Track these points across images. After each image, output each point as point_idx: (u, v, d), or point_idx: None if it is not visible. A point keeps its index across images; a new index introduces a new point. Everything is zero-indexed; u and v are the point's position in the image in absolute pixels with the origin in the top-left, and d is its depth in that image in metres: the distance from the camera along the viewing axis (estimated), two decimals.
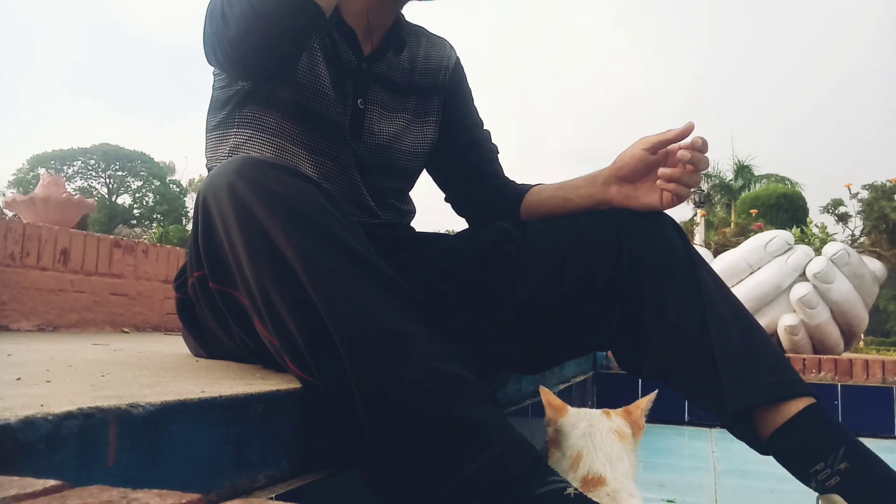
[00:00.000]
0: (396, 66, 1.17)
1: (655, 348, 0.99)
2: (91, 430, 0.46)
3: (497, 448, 0.65)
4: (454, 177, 1.28)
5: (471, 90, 1.30)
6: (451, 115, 1.24)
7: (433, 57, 1.22)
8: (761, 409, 0.91)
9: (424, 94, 1.20)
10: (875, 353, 7.16)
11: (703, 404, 0.98)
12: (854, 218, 5.31)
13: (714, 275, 1.02)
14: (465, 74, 1.29)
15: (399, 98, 1.17)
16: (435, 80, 1.22)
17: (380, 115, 1.14)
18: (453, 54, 1.26)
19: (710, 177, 22.26)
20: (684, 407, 2.52)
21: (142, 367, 0.86)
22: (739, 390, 0.90)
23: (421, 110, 1.20)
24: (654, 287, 0.98)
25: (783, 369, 0.93)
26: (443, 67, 1.23)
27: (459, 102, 1.26)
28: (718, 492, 1.46)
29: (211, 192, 0.80)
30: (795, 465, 0.88)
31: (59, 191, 4.19)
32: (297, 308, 0.70)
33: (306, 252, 0.70)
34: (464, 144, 1.25)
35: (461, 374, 0.69)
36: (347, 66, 1.10)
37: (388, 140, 1.15)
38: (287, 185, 0.75)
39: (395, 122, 1.16)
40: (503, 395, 1.33)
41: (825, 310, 3.00)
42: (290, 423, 0.70)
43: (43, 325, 2.04)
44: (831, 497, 0.82)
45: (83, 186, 34.92)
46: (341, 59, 1.10)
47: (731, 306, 0.98)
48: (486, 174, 1.24)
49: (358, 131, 1.11)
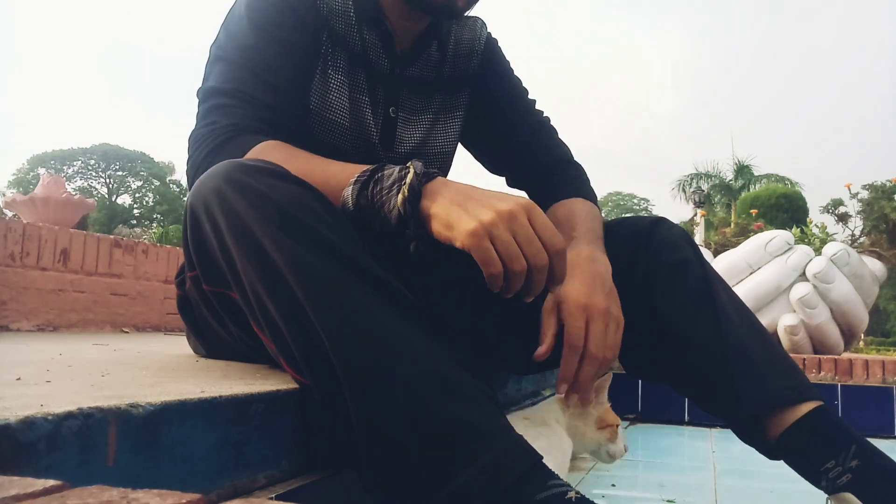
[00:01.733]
0: (426, 62, 1.11)
1: (666, 355, 0.99)
2: (91, 430, 0.46)
3: (496, 451, 0.64)
4: (505, 162, 1.22)
5: (507, 62, 1.23)
6: (486, 98, 1.18)
7: (464, 41, 1.15)
8: (771, 412, 0.91)
9: (452, 87, 1.15)
10: (875, 353, 7.16)
11: (712, 409, 0.99)
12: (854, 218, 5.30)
13: (723, 281, 1.03)
14: (498, 50, 1.21)
15: (426, 98, 1.12)
16: (465, 68, 1.15)
17: (407, 120, 1.10)
18: (484, 32, 1.18)
19: (710, 177, 22.26)
20: (684, 407, 2.52)
21: (142, 367, 0.86)
22: (755, 394, 0.91)
23: (448, 105, 1.15)
24: (669, 292, 0.99)
25: (793, 372, 0.94)
26: (474, 52, 1.16)
27: (494, 79, 1.19)
28: (718, 492, 1.45)
29: (200, 196, 0.79)
30: (805, 465, 0.88)
31: (59, 191, 4.19)
32: (287, 310, 0.69)
33: (296, 256, 0.69)
34: (507, 123, 1.18)
35: (459, 375, 0.68)
36: (379, 73, 1.06)
37: (417, 145, 1.11)
38: (276, 188, 0.73)
39: (422, 125, 1.12)
40: (503, 395, 1.33)
41: (825, 310, 3.00)
42: (290, 423, 0.70)
43: (43, 325, 2.04)
44: (842, 496, 0.82)
45: (83, 186, 34.93)
46: (372, 65, 1.05)
47: (742, 313, 1.00)
48: (536, 151, 1.18)
49: (390, 141, 1.08)
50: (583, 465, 1.71)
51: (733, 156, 22.58)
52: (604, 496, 1.39)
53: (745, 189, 19.86)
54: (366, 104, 1.04)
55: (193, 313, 1.04)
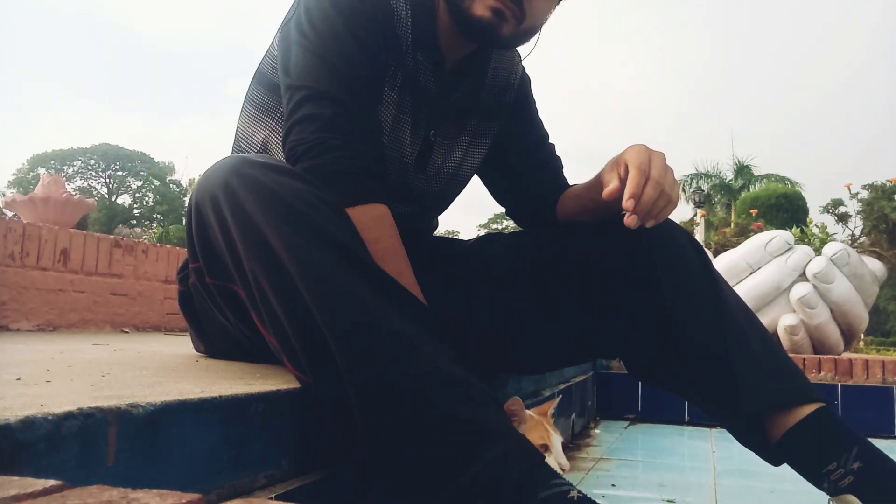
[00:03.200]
0: (467, 89, 1.12)
1: (668, 353, 0.98)
2: (91, 430, 0.46)
3: (499, 450, 0.64)
4: (515, 194, 1.24)
5: (535, 103, 1.25)
6: (515, 136, 1.20)
7: (501, 70, 1.16)
8: (773, 414, 0.91)
9: (486, 115, 1.15)
10: (875, 353, 7.16)
11: (713, 411, 0.99)
12: (854, 218, 5.30)
13: (726, 283, 1.02)
14: (530, 89, 1.24)
15: (462, 123, 1.13)
16: (500, 100, 1.16)
17: (442, 144, 1.11)
18: (520, 67, 1.20)
19: (710, 177, 22.26)
20: (684, 407, 2.52)
21: (142, 367, 0.86)
22: (755, 394, 0.91)
23: (480, 131, 1.16)
24: (671, 290, 0.98)
25: (795, 373, 0.94)
26: (510, 85, 1.17)
27: (524, 120, 1.21)
28: (718, 492, 1.46)
29: (207, 190, 0.79)
30: (807, 466, 0.88)
31: (59, 191, 4.19)
32: (290, 306, 0.69)
33: (300, 250, 0.69)
34: (527, 164, 1.20)
35: (462, 375, 0.68)
36: (426, 96, 1.05)
37: (452, 169, 1.13)
38: (283, 184, 0.74)
39: (455, 150, 1.13)
40: (503, 396, 1.33)
41: (825, 310, 3.00)
42: (290, 423, 0.70)
43: (43, 325, 2.04)
44: (844, 498, 0.82)
45: (83, 186, 34.93)
46: (419, 87, 1.04)
47: (745, 313, 0.99)
48: (547, 190, 1.20)
49: (423, 163, 1.08)
50: (583, 465, 1.71)
51: (733, 156, 22.60)
52: (604, 496, 1.39)
53: (745, 189, 19.86)
54: (406, 124, 1.04)
55: (195, 310, 1.04)
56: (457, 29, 1.01)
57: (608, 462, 1.76)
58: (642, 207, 0.90)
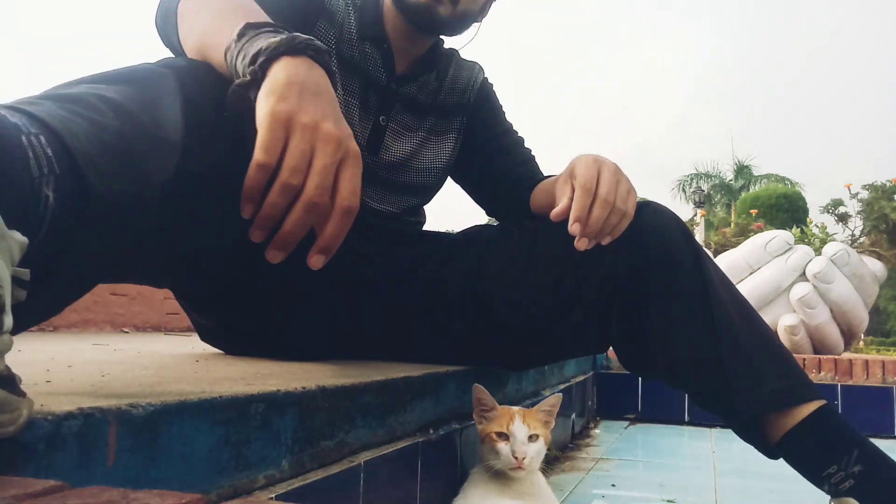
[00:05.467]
0: (424, 86, 1.16)
1: (661, 350, 0.97)
2: (91, 430, 0.46)
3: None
4: (487, 188, 1.26)
5: (500, 104, 1.28)
6: (478, 131, 1.23)
7: (461, 78, 1.21)
8: (769, 416, 0.90)
9: (446, 112, 1.19)
10: (875, 353, 7.15)
11: (711, 407, 0.98)
12: (854, 218, 5.30)
13: (721, 273, 1.00)
14: (492, 90, 1.27)
15: (418, 118, 1.16)
16: (460, 100, 1.21)
17: (397, 132, 1.13)
18: (481, 75, 1.25)
19: (710, 177, 22.26)
20: (684, 407, 2.52)
21: (142, 367, 0.86)
22: (750, 398, 0.89)
23: (439, 128, 1.19)
24: (659, 286, 0.96)
25: (793, 372, 0.92)
26: (469, 87, 1.21)
27: (486, 115, 1.24)
28: (718, 492, 1.46)
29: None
30: (807, 468, 0.88)
31: None
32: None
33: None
34: (494, 151, 1.23)
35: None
36: (376, 84, 1.09)
37: (404, 156, 1.14)
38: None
39: (412, 141, 1.15)
40: (503, 396, 1.33)
41: (825, 310, 3.00)
42: (290, 423, 0.70)
43: (43, 325, 2.04)
44: (845, 501, 0.82)
45: None
46: (369, 76, 1.08)
47: (740, 305, 0.97)
48: (518, 179, 1.22)
49: (375, 147, 1.11)
50: (583, 465, 1.71)
51: (733, 156, 22.60)
52: (604, 496, 1.39)
53: (745, 189, 19.87)
54: (355, 107, 1.07)
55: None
56: (403, 19, 1.06)
57: (608, 462, 1.76)
58: (591, 230, 0.91)
